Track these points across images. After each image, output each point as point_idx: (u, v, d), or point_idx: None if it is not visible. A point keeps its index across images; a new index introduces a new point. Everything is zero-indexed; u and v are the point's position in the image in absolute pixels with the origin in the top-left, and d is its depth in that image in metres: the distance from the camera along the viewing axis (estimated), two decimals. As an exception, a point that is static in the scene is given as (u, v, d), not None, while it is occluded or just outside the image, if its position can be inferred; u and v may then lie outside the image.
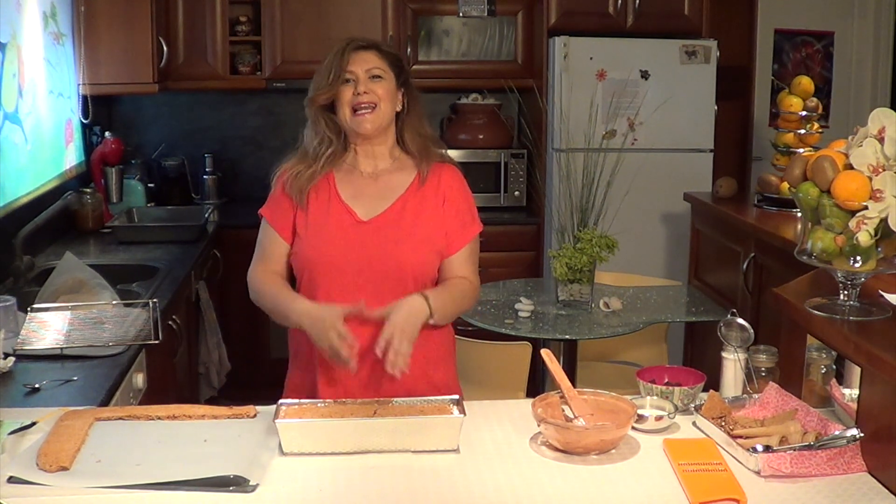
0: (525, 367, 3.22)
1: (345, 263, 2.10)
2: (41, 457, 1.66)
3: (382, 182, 2.19)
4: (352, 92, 2.13)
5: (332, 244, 2.12)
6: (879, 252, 1.78)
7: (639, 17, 4.63)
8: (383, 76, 2.15)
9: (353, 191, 2.18)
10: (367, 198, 2.17)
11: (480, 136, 4.91)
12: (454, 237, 2.18)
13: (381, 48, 2.19)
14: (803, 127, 3.98)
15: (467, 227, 2.21)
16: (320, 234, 2.13)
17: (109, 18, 4.02)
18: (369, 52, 2.17)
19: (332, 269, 2.10)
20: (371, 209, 2.15)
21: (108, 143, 4.30)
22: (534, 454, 1.78)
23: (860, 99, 5.61)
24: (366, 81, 2.13)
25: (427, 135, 2.24)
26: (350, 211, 2.15)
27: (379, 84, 2.14)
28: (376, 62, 2.16)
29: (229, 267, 4.13)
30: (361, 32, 4.60)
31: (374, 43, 2.20)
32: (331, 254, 2.11)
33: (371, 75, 2.14)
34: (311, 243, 2.13)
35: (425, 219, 2.15)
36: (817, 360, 2.03)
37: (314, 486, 1.64)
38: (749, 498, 1.58)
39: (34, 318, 2.44)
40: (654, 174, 4.47)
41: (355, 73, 2.13)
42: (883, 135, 1.74)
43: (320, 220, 2.14)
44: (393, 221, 2.14)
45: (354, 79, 2.13)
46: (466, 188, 2.25)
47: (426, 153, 2.21)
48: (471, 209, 2.24)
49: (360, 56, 2.15)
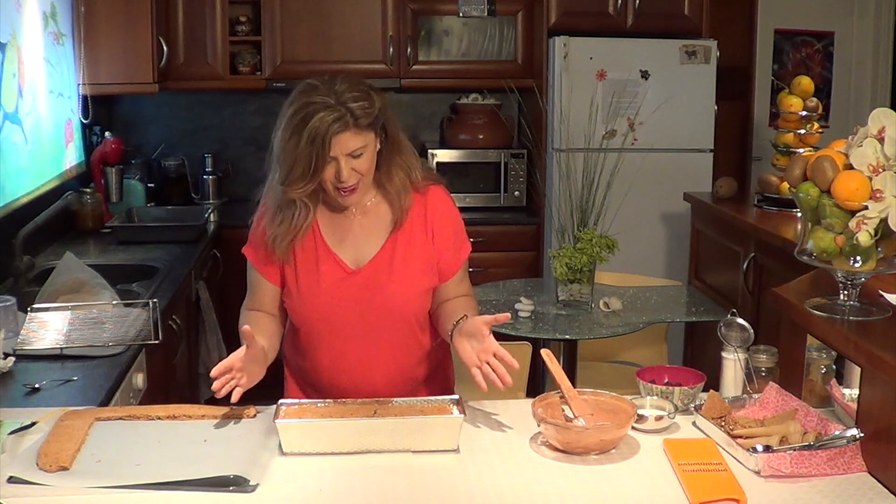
0: (525, 367, 3.21)
1: (340, 316, 2.08)
2: (41, 457, 1.66)
3: (369, 220, 2.10)
4: (333, 174, 1.96)
5: (325, 301, 2.07)
6: (879, 252, 1.78)
7: (639, 17, 4.63)
8: (364, 150, 1.97)
9: (339, 234, 2.09)
10: (354, 240, 2.09)
11: (480, 136, 4.91)
12: (447, 264, 2.14)
13: (358, 122, 1.92)
14: (803, 127, 3.98)
15: (458, 251, 2.16)
16: (312, 290, 2.07)
17: (109, 18, 4.02)
18: (348, 132, 1.92)
19: (328, 322, 2.09)
20: (359, 255, 2.09)
21: (108, 143, 4.30)
22: (534, 454, 1.78)
23: (860, 99, 5.61)
24: (347, 164, 1.95)
25: (406, 160, 2.09)
26: (338, 261, 2.08)
27: (361, 160, 1.97)
28: (357, 142, 1.94)
29: (229, 267, 4.13)
30: (361, 32, 4.63)
31: (351, 117, 1.91)
32: (325, 310, 2.08)
33: (352, 156, 1.96)
34: (305, 302, 2.08)
35: (415, 257, 2.09)
36: (817, 360, 2.02)
37: (314, 486, 1.64)
38: (749, 498, 1.58)
39: (34, 318, 2.44)
40: (654, 174, 4.47)
41: (336, 157, 1.94)
42: (883, 135, 1.74)
43: (311, 276, 2.07)
44: (383, 267, 2.08)
45: (335, 163, 1.95)
46: (453, 209, 2.17)
47: (406, 189, 2.08)
48: (460, 232, 2.17)
49: (340, 140, 1.92)
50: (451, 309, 2.09)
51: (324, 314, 2.08)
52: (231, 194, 4.97)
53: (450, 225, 2.15)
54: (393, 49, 4.72)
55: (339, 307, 2.07)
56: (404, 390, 2.11)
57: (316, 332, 2.11)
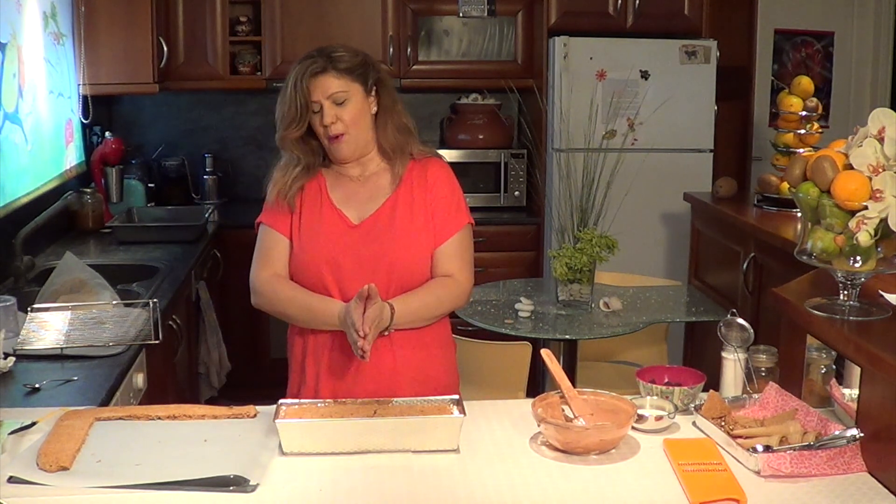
0: (525, 367, 3.22)
1: (338, 267, 2.11)
2: (41, 457, 1.66)
3: (372, 183, 2.19)
4: (320, 122, 2.09)
5: (325, 249, 2.12)
6: (879, 252, 1.78)
7: (639, 17, 4.63)
8: (347, 97, 2.08)
9: (344, 194, 2.18)
10: (358, 201, 2.17)
11: (480, 136, 4.91)
12: (441, 227, 2.17)
13: (337, 66, 2.07)
14: (803, 127, 3.98)
15: (453, 216, 2.18)
16: (314, 239, 2.13)
17: (109, 18, 4.02)
18: (327, 75, 2.07)
19: (327, 273, 2.11)
20: (362, 212, 2.16)
21: (109, 143, 4.30)
22: (534, 454, 1.78)
23: (860, 99, 5.61)
24: (330, 109, 2.08)
25: (404, 128, 2.20)
26: (342, 215, 2.15)
27: (345, 108, 2.09)
28: (336, 85, 2.07)
29: (229, 267, 4.13)
30: (361, 32, 4.62)
31: (329, 60, 2.08)
32: (324, 258, 2.12)
33: (334, 101, 2.08)
34: (305, 248, 2.13)
35: (415, 216, 2.15)
36: (817, 360, 2.02)
37: (314, 486, 1.64)
38: (749, 498, 1.58)
39: (34, 318, 2.44)
40: (654, 174, 4.47)
41: (319, 101, 2.07)
42: (883, 135, 1.74)
43: (314, 226, 2.15)
44: (383, 223, 2.14)
45: (319, 108, 2.08)
46: (453, 180, 2.23)
47: (401, 151, 2.18)
48: (458, 200, 2.21)
49: (319, 82, 2.07)
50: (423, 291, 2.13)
51: (322, 262, 2.11)
52: (231, 194, 4.97)
53: (448, 189, 2.21)
54: (393, 49, 4.72)
55: (337, 259, 2.11)
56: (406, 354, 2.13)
57: (315, 287, 2.12)
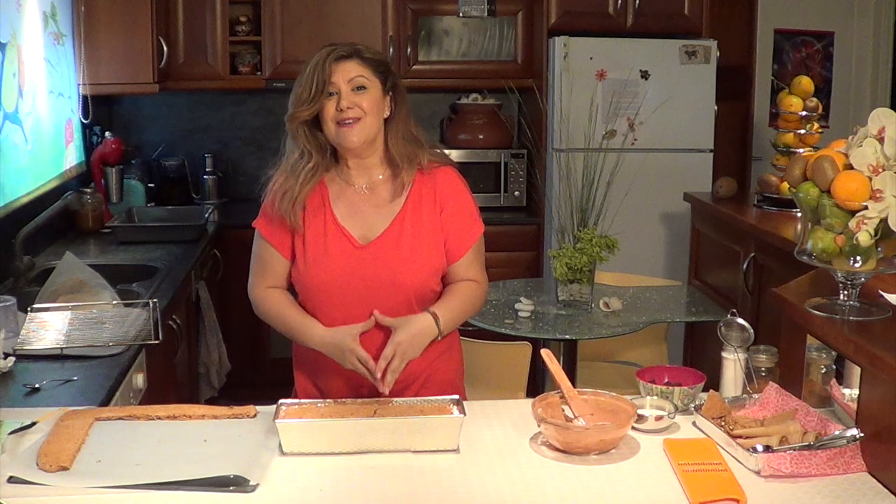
0: (525, 367, 3.22)
1: (345, 289, 2.07)
2: (41, 457, 1.66)
3: (379, 195, 2.13)
4: (335, 106, 2.04)
5: (331, 272, 2.07)
6: (879, 252, 1.78)
7: (639, 17, 4.63)
8: (367, 86, 2.06)
9: (349, 209, 2.12)
10: (364, 216, 2.11)
11: (480, 136, 4.91)
12: (457, 243, 2.14)
13: (363, 55, 2.08)
14: (803, 127, 3.98)
15: (468, 230, 2.16)
16: (319, 261, 2.08)
17: (109, 18, 4.02)
18: (351, 61, 2.06)
19: (333, 295, 2.08)
20: (368, 230, 2.10)
21: (108, 143, 4.30)
22: (534, 454, 1.78)
23: (860, 99, 5.61)
24: (349, 94, 2.04)
25: (414, 138, 2.14)
26: (347, 235, 2.09)
27: (363, 95, 2.05)
28: (359, 71, 2.05)
29: (229, 267, 4.13)
30: (361, 32, 4.62)
31: (355, 50, 2.08)
32: (330, 281, 2.07)
33: (355, 86, 2.05)
34: (311, 272, 2.08)
35: (425, 234, 2.10)
36: (817, 360, 2.02)
37: (314, 486, 1.64)
38: (749, 498, 1.58)
39: (34, 318, 2.44)
40: (653, 174, 4.47)
41: (338, 85, 2.04)
42: (883, 135, 1.74)
43: (319, 247, 2.09)
44: (391, 243, 2.08)
45: (337, 91, 2.04)
46: (464, 189, 2.18)
47: (409, 161, 2.12)
48: (471, 211, 2.18)
49: (342, 66, 2.04)
50: (452, 291, 2.13)
51: (328, 285, 2.07)
52: (231, 194, 4.97)
53: (461, 202, 2.17)
54: (393, 49, 4.71)
55: (343, 282, 2.07)
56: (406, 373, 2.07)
57: (320, 306, 2.09)
